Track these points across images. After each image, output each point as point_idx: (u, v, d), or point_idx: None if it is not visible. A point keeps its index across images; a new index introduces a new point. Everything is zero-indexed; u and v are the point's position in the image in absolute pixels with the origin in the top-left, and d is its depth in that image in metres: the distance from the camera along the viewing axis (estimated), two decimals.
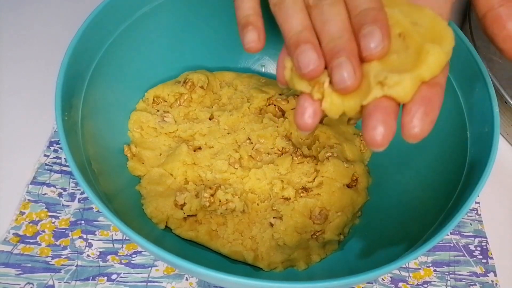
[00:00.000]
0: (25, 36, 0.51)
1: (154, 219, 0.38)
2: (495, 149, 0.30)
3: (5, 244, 0.38)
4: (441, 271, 0.40)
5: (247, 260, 0.37)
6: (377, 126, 0.21)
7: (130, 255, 0.39)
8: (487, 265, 0.40)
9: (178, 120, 0.43)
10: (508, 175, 0.46)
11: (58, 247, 0.38)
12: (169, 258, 0.25)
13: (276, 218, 0.38)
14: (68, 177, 0.42)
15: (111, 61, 0.38)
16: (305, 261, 0.38)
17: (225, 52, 0.46)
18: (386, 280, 0.39)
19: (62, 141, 0.29)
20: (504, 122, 0.46)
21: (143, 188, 0.39)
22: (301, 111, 0.24)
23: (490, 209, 0.44)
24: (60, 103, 0.31)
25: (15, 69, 0.49)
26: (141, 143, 0.41)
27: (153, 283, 0.37)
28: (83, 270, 0.37)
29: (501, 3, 0.25)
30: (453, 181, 0.33)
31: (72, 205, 0.40)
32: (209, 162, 0.40)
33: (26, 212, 0.40)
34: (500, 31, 0.25)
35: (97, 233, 0.39)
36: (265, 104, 0.44)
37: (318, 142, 0.42)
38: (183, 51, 0.45)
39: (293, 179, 0.40)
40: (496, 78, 0.44)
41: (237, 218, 0.38)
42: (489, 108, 0.32)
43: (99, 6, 0.35)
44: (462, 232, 0.42)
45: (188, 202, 0.38)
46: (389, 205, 0.40)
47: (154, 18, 0.40)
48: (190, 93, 0.43)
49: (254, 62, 0.48)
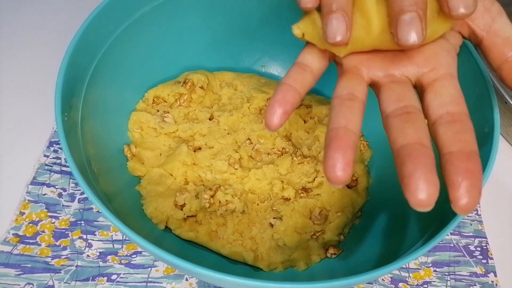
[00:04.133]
0: (25, 36, 0.51)
1: (154, 219, 0.38)
2: (495, 149, 0.30)
3: (5, 245, 0.38)
4: (441, 272, 0.40)
5: (247, 261, 0.37)
6: (419, 186, 0.20)
7: (130, 256, 0.39)
8: (487, 265, 0.40)
9: (178, 121, 0.43)
10: (508, 175, 0.46)
11: (58, 247, 0.38)
12: (169, 259, 0.25)
13: (276, 219, 0.38)
14: (68, 177, 0.42)
15: (111, 61, 0.38)
16: (305, 261, 0.38)
17: (225, 52, 0.46)
18: (386, 281, 0.39)
19: (62, 141, 0.29)
20: (504, 122, 0.46)
21: (143, 189, 0.39)
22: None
23: (490, 209, 0.44)
24: (60, 103, 0.31)
25: (15, 69, 0.49)
26: (141, 143, 0.41)
27: (153, 284, 0.37)
28: (83, 271, 0.37)
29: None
30: None
31: (72, 206, 0.40)
32: (209, 163, 0.40)
33: (26, 212, 0.40)
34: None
35: (97, 233, 0.39)
36: (265, 104, 0.44)
37: (318, 142, 0.42)
38: (183, 51, 0.45)
39: (293, 180, 0.40)
40: (496, 78, 0.44)
41: (237, 218, 0.38)
42: (489, 109, 0.32)
43: (99, 6, 0.35)
44: (462, 232, 0.42)
45: (188, 202, 0.38)
46: (389, 205, 0.40)
47: (154, 18, 0.40)
48: (190, 93, 0.43)
49: (254, 62, 0.48)
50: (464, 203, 0.20)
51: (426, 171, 0.20)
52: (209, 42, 0.45)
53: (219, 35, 0.45)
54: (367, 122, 0.29)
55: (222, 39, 0.45)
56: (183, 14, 0.42)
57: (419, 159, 0.20)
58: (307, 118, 0.44)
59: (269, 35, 0.46)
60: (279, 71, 0.49)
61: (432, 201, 0.20)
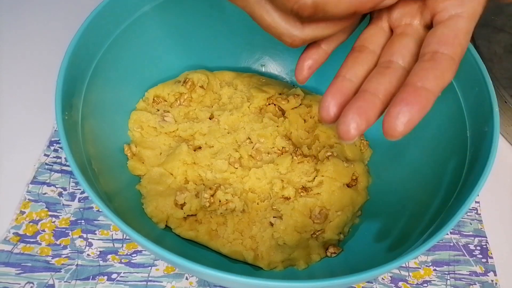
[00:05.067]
0: (25, 36, 0.51)
1: (154, 218, 0.38)
2: (495, 149, 0.30)
3: (5, 244, 0.38)
4: (441, 271, 0.40)
5: (247, 260, 0.38)
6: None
7: (130, 255, 0.39)
8: (487, 264, 0.41)
9: (178, 120, 0.43)
10: (508, 175, 0.46)
11: (58, 246, 0.38)
12: (169, 257, 0.25)
13: (276, 218, 0.38)
14: (68, 176, 0.42)
15: (111, 61, 0.38)
16: (305, 260, 0.38)
17: (225, 51, 0.46)
18: (386, 280, 0.39)
19: (62, 140, 0.29)
20: (504, 122, 0.46)
21: (143, 188, 0.39)
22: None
23: (490, 209, 0.44)
24: (60, 103, 0.31)
25: (15, 69, 0.49)
26: (141, 142, 0.41)
27: (153, 283, 0.37)
28: (83, 270, 0.37)
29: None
30: (453, 180, 0.33)
31: (72, 205, 0.40)
32: (209, 162, 0.40)
33: (26, 211, 0.40)
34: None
35: (97, 232, 0.39)
36: (265, 103, 0.44)
37: (318, 142, 0.43)
38: (183, 51, 0.45)
39: (293, 179, 0.40)
40: (496, 78, 0.44)
41: (237, 217, 0.38)
42: (489, 108, 0.32)
43: (99, 6, 0.35)
44: (462, 231, 0.42)
45: (188, 202, 0.38)
46: (389, 204, 0.40)
47: (154, 18, 0.40)
48: (190, 93, 0.43)
49: (254, 62, 0.48)
50: (390, 129, 0.22)
51: (359, 113, 0.22)
52: (209, 41, 0.45)
53: (219, 34, 0.45)
54: None
55: (222, 39, 0.45)
56: (183, 14, 0.42)
57: (359, 102, 0.23)
58: (307, 118, 0.44)
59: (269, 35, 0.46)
60: (279, 70, 0.49)
61: (354, 137, 0.22)
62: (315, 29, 0.26)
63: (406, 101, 0.22)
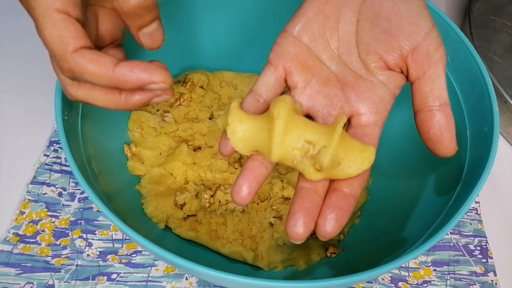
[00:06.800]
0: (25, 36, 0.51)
1: (154, 218, 0.38)
2: (495, 149, 0.30)
3: (5, 244, 0.38)
4: (441, 271, 0.40)
5: (247, 260, 0.37)
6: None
7: (130, 255, 0.39)
8: (487, 264, 0.40)
9: (178, 120, 0.43)
10: (508, 175, 0.46)
11: (58, 246, 0.38)
12: (169, 257, 0.25)
13: (276, 218, 0.38)
14: (68, 176, 0.42)
15: None
16: (305, 260, 0.38)
17: (225, 51, 0.46)
18: (386, 280, 0.39)
19: (62, 140, 0.29)
20: (504, 122, 0.46)
21: (143, 188, 0.39)
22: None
23: (490, 209, 0.44)
24: (60, 103, 0.31)
25: (15, 68, 0.49)
26: (141, 142, 0.41)
27: (153, 283, 0.37)
28: (83, 270, 0.37)
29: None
30: (452, 180, 0.33)
31: (72, 205, 0.40)
32: (209, 162, 0.40)
33: (26, 211, 0.40)
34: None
35: (97, 232, 0.39)
36: None
37: None
38: (183, 51, 0.45)
39: (293, 179, 0.40)
40: (496, 78, 0.44)
41: (236, 218, 0.38)
42: (489, 108, 0.32)
43: None
44: (462, 231, 0.42)
45: (188, 202, 0.38)
46: (389, 204, 0.40)
47: None
48: (190, 93, 0.43)
49: (254, 62, 0.48)
50: (323, 231, 0.24)
51: (306, 214, 0.24)
52: (209, 41, 0.45)
53: (219, 34, 0.45)
54: None
55: (222, 39, 0.45)
56: (183, 14, 0.42)
57: (305, 204, 0.24)
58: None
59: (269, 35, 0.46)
60: None
61: (303, 238, 0.24)
62: (86, 94, 0.26)
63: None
